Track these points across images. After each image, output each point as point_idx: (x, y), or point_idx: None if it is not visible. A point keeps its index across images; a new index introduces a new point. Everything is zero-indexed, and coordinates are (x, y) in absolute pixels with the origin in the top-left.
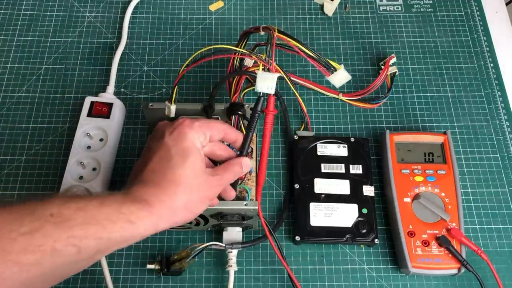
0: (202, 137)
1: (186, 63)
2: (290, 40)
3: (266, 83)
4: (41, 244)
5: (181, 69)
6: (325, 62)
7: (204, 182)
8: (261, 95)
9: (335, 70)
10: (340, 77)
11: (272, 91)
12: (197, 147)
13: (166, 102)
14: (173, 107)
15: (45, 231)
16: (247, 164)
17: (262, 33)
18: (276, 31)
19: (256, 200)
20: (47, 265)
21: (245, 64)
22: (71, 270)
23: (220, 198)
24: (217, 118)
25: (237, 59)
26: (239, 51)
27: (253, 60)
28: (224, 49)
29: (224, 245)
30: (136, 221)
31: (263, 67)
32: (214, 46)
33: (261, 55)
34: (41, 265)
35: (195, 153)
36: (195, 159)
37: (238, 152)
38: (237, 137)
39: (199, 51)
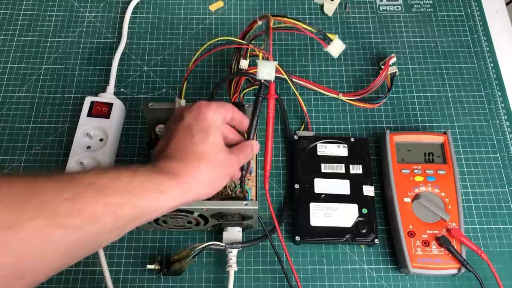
0: (219, 116)
1: (195, 57)
2: (287, 19)
3: (267, 70)
4: (82, 209)
5: (191, 63)
6: (323, 34)
7: (224, 158)
8: (262, 81)
9: (331, 40)
10: (336, 46)
11: (272, 77)
12: (216, 125)
13: (176, 98)
14: (183, 102)
15: (85, 198)
16: (257, 146)
17: (260, 22)
18: (271, 17)
19: (264, 187)
20: (88, 230)
21: (240, 66)
22: (107, 238)
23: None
24: None
25: (235, 63)
26: (241, 41)
27: (248, 62)
28: (228, 41)
29: (224, 245)
30: (166, 191)
31: (262, 56)
32: (221, 38)
33: (261, 48)
34: (83, 230)
35: (215, 131)
36: (215, 136)
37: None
38: (243, 119)
39: (206, 45)
